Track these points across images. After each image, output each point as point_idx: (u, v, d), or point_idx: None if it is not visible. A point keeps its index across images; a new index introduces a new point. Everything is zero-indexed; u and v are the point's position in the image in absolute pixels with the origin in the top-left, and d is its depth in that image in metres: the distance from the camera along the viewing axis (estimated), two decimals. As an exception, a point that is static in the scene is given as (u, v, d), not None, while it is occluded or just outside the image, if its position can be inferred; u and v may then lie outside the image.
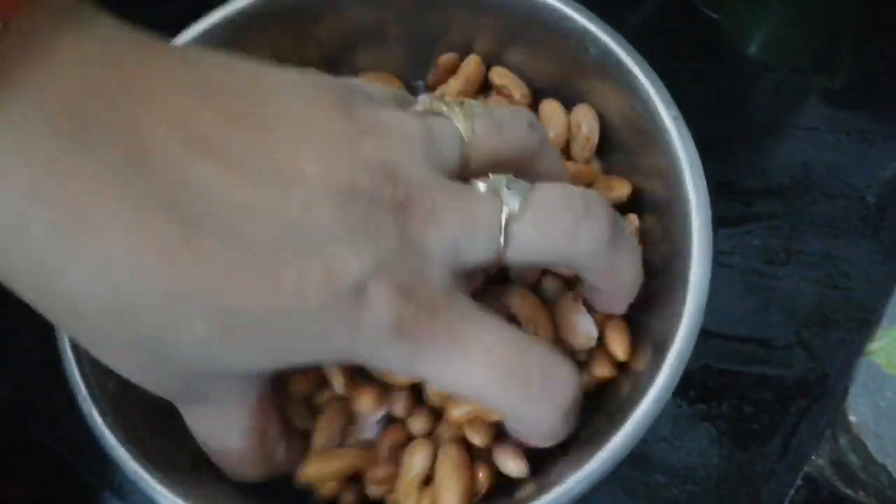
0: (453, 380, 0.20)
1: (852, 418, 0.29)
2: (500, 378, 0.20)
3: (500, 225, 0.20)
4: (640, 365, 0.26)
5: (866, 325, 0.31)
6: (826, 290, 0.33)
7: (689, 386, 0.32)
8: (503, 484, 0.26)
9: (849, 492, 0.29)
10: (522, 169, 0.23)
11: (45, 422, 0.32)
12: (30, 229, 0.17)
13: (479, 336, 0.20)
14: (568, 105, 0.30)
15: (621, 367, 0.27)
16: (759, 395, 0.32)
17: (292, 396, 0.26)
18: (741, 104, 0.37)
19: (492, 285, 0.27)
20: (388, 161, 0.20)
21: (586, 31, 0.28)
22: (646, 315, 0.27)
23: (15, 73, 0.16)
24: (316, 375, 0.26)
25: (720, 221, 0.34)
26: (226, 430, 0.23)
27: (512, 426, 0.23)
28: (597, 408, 0.27)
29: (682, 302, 0.24)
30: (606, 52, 0.27)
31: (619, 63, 0.27)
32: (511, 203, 0.21)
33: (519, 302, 0.26)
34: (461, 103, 0.22)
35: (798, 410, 0.31)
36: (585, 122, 0.29)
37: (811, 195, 0.35)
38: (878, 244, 0.34)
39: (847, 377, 0.29)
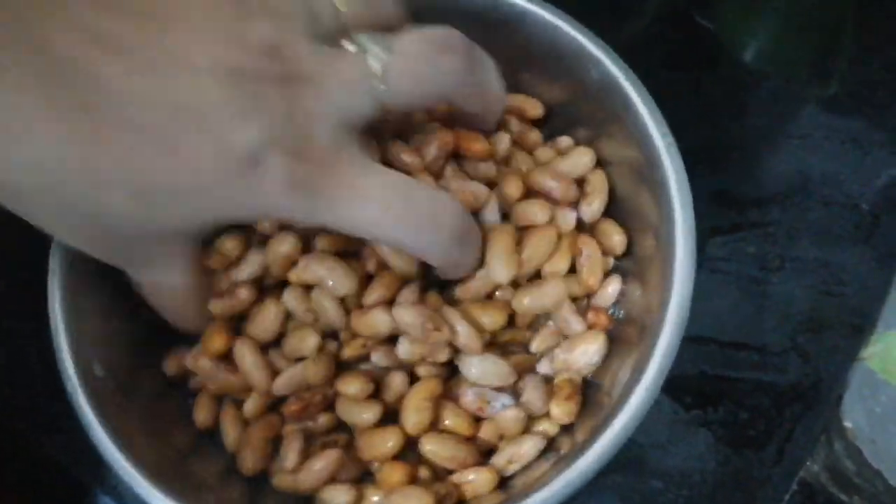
0: (352, 223, 0.23)
1: (847, 424, 0.29)
2: (392, 216, 0.23)
3: (376, 78, 0.23)
4: (624, 375, 0.26)
5: (860, 331, 0.31)
6: (821, 296, 0.33)
7: (684, 392, 0.32)
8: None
9: (844, 497, 0.29)
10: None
11: (41, 426, 0.32)
12: None
13: (369, 182, 0.23)
14: (574, 128, 0.31)
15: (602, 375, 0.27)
16: (755, 400, 0.32)
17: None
18: (736, 112, 0.38)
19: None
20: (270, 39, 0.22)
21: (588, 53, 0.28)
22: (629, 330, 0.27)
23: None
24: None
25: (716, 229, 0.35)
26: (170, 288, 0.26)
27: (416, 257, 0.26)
28: (582, 413, 0.27)
29: (661, 326, 0.24)
30: (606, 75, 0.28)
31: (617, 86, 0.27)
32: (379, 56, 0.23)
33: None
34: None
35: (793, 416, 0.31)
36: (597, 191, 0.29)
37: (806, 202, 0.35)
38: (872, 251, 0.34)
39: (841, 383, 0.30)
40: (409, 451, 0.26)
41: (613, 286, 0.28)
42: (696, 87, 0.38)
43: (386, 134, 0.27)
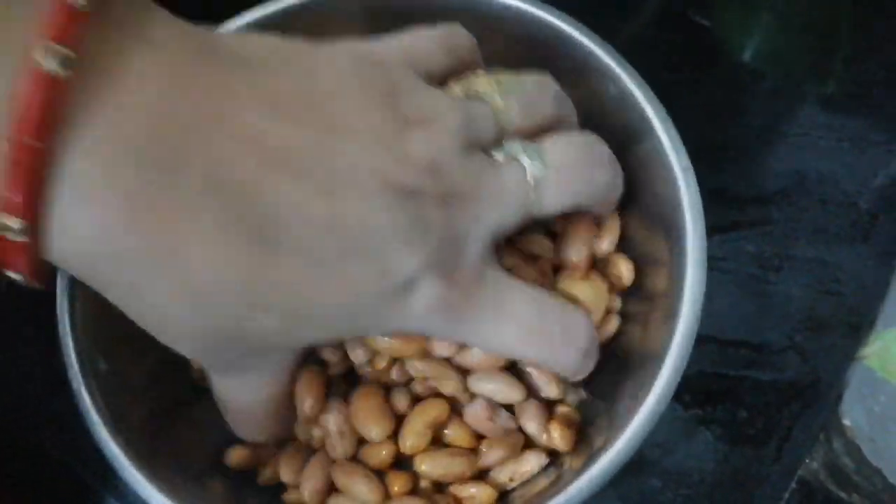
0: (487, 342, 0.23)
1: (846, 422, 0.29)
2: (526, 335, 0.23)
3: (530, 190, 0.23)
4: (633, 387, 0.26)
5: (859, 329, 0.31)
6: (819, 295, 0.33)
7: (683, 390, 0.32)
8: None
9: (843, 495, 0.29)
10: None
11: (47, 427, 0.32)
12: (122, 255, 0.19)
13: (506, 302, 0.23)
14: None
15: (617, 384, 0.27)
16: (754, 399, 0.32)
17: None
18: (735, 111, 0.38)
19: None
20: (432, 155, 0.21)
21: (608, 69, 0.28)
22: (637, 342, 0.27)
23: (94, 105, 0.17)
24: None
25: (714, 228, 0.34)
26: (251, 395, 0.25)
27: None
28: (590, 422, 0.27)
29: (670, 341, 0.24)
30: (624, 92, 0.27)
31: (636, 106, 0.27)
32: (533, 167, 0.23)
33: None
34: (498, 82, 0.24)
35: (792, 414, 0.31)
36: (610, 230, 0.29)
37: (804, 201, 0.35)
38: (870, 250, 0.34)
39: (840, 381, 0.30)
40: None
41: (611, 326, 0.28)
42: (694, 86, 0.38)
43: None
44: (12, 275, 0.19)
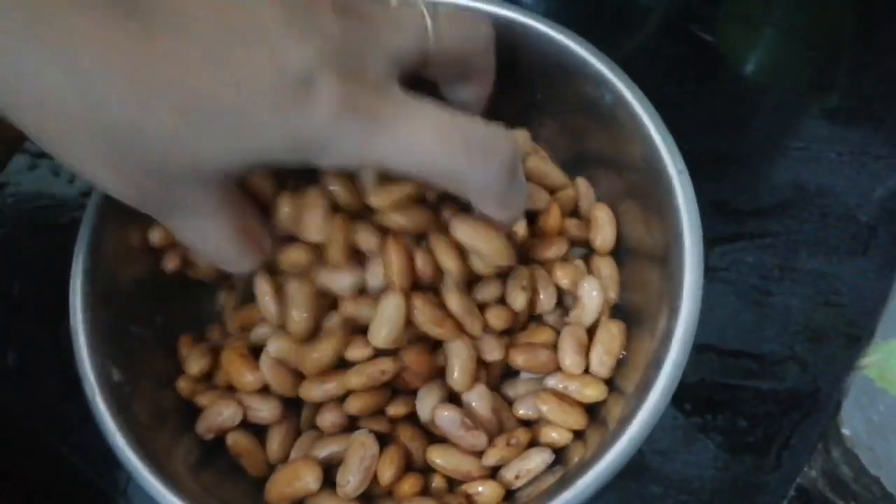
0: (403, 153, 0.23)
1: (845, 431, 0.29)
2: (444, 140, 0.23)
3: (426, 25, 0.25)
4: (631, 387, 0.26)
5: (858, 340, 0.32)
6: (818, 306, 0.34)
7: (685, 399, 0.32)
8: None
9: (840, 503, 0.30)
10: None
11: (59, 431, 0.32)
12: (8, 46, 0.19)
13: (420, 109, 0.23)
14: (581, 155, 0.31)
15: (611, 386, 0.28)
16: (754, 408, 0.32)
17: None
18: (737, 124, 0.38)
19: None
20: None
21: (603, 77, 0.28)
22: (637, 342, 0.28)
23: None
24: None
25: (715, 239, 0.35)
26: (212, 234, 0.25)
27: (467, 194, 0.25)
28: (590, 426, 0.28)
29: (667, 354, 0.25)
30: (620, 99, 0.28)
31: (631, 111, 0.28)
32: (427, 11, 0.25)
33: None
34: None
35: (791, 423, 0.32)
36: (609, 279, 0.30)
37: (804, 213, 0.36)
38: (870, 262, 0.35)
39: (838, 391, 0.30)
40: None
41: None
42: (696, 99, 0.39)
43: None
44: None
